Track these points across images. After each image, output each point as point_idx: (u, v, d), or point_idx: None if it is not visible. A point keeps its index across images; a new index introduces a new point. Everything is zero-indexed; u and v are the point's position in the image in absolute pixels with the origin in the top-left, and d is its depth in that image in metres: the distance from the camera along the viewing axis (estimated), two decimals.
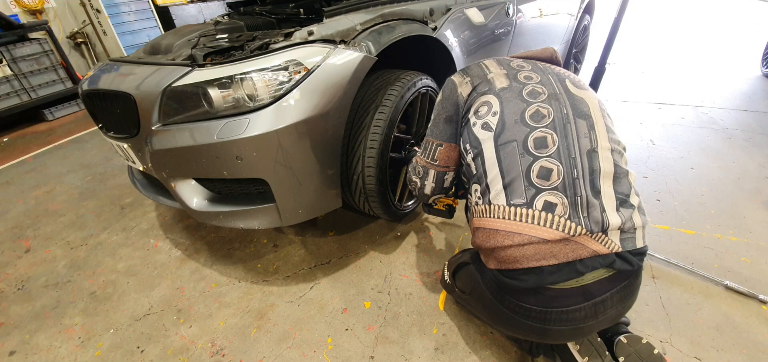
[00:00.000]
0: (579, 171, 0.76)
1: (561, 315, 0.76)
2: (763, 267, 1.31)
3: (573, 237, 0.72)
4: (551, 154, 0.77)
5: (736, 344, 1.06)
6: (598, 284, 0.74)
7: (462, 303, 1.10)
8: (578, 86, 0.89)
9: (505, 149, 0.80)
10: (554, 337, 0.82)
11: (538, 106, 0.83)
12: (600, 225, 0.73)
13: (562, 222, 0.73)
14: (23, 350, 1.24)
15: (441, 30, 1.49)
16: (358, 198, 1.36)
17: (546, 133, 0.79)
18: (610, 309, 0.77)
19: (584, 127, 0.80)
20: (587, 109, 0.83)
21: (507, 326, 0.89)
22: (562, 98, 0.85)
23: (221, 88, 1.05)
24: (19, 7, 4.08)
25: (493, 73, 0.92)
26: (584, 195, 0.74)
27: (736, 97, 2.86)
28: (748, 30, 5.35)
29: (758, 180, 1.80)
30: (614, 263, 0.73)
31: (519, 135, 0.80)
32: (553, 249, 0.73)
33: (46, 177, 2.52)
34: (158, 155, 1.17)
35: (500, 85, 0.88)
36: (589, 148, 0.78)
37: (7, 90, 3.56)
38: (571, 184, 0.75)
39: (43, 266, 1.62)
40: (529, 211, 0.75)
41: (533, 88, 0.86)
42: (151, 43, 1.67)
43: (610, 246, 0.73)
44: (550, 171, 0.76)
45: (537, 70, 0.92)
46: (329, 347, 1.14)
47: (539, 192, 0.75)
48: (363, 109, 1.27)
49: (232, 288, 1.39)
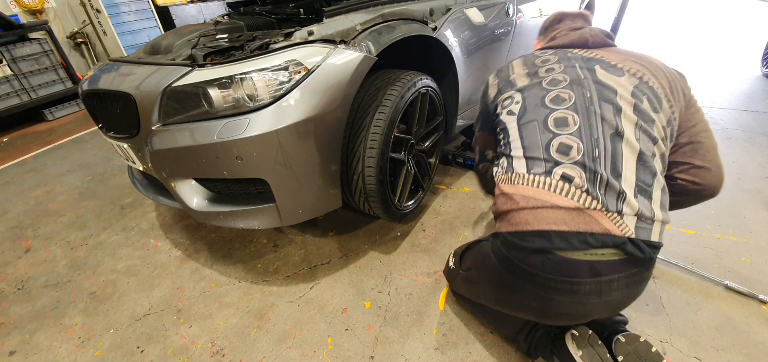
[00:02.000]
0: (601, 151, 0.76)
1: (565, 284, 0.75)
2: (763, 267, 1.31)
3: (587, 209, 0.73)
4: (572, 132, 0.79)
5: (736, 344, 1.06)
6: (607, 264, 0.73)
7: (464, 288, 1.09)
8: (611, 71, 0.88)
9: (526, 127, 0.86)
10: (555, 309, 0.80)
11: (558, 92, 0.86)
12: (616, 205, 0.73)
13: (578, 193, 0.74)
14: (23, 350, 1.24)
15: (441, 30, 1.49)
16: (358, 198, 1.36)
17: (567, 114, 0.82)
18: (615, 291, 0.76)
19: (610, 111, 0.80)
20: (614, 95, 0.83)
21: (509, 299, 0.88)
22: (587, 83, 0.86)
23: (221, 88, 1.05)
24: (19, 7, 4.09)
25: (515, 74, 0.99)
26: (604, 175, 0.74)
27: (736, 97, 2.86)
28: (748, 30, 5.35)
29: (758, 180, 1.80)
30: (625, 246, 0.71)
31: (539, 115, 0.85)
32: (565, 217, 0.73)
33: (46, 177, 2.52)
34: (158, 155, 1.18)
35: (521, 84, 0.95)
36: (613, 131, 0.78)
37: (7, 90, 3.57)
38: (591, 162, 0.76)
39: (43, 266, 1.62)
40: (547, 180, 0.77)
41: (554, 77, 0.91)
42: (151, 43, 1.67)
43: (623, 229, 0.72)
44: (570, 147, 0.78)
45: (563, 60, 0.94)
46: (329, 347, 1.14)
47: (558, 164, 0.78)
48: (363, 109, 1.27)
49: (232, 288, 1.39)
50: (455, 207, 1.74)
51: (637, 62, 0.89)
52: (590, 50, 0.96)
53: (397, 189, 1.48)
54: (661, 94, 0.85)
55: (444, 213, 1.70)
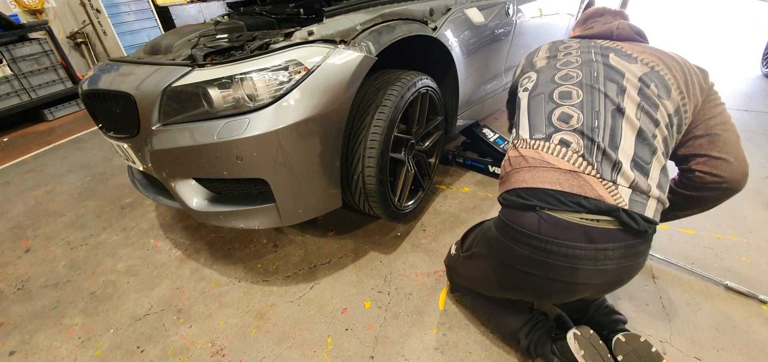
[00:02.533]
0: (600, 123, 0.80)
1: (561, 247, 0.76)
2: (763, 267, 1.31)
3: (582, 172, 0.76)
4: (574, 104, 0.84)
5: (736, 344, 1.06)
6: (601, 231, 0.74)
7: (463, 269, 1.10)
8: (624, 58, 0.89)
9: (534, 100, 0.92)
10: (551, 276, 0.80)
11: (567, 70, 0.92)
12: (610, 173, 0.75)
13: (575, 157, 0.77)
14: (23, 350, 1.24)
15: (441, 30, 1.49)
16: (358, 198, 1.36)
17: (572, 88, 0.87)
18: (610, 260, 0.76)
19: (613, 90, 0.84)
20: (621, 77, 0.86)
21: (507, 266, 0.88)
22: (596, 65, 0.90)
23: (221, 88, 1.05)
24: (19, 7, 4.09)
25: (538, 57, 1.05)
26: (601, 145, 0.77)
27: (736, 97, 2.86)
28: (748, 30, 5.35)
29: (758, 180, 1.80)
30: (618, 214, 0.72)
31: (546, 89, 0.91)
32: (560, 177, 0.76)
33: (46, 177, 2.52)
34: (158, 155, 1.18)
35: (540, 65, 1.01)
36: (615, 107, 0.81)
37: (7, 90, 3.57)
38: (589, 131, 0.79)
39: (43, 266, 1.62)
40: (545, 143, 0.82)
41: (567, 59, 0.96)
42: (151, 43, 1.67)
43: (616, 199, 0.73)
44: (571, 116, 0.83)
45: (582, 45, 0.99)
46: (329, 347, 1.14)
47: (557, 131, 0.82)
48: (363, 109, 1.27)
49: (232, 288, 1.39)
50: (455, 207, 1.74)
51: (655, 55, 0.89)
52: (613, 41, 0.99)
53: (397, 189, 1.48)
54: (672, 84, 0.85)
55: (444, 213, 1.70)
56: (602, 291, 0.89)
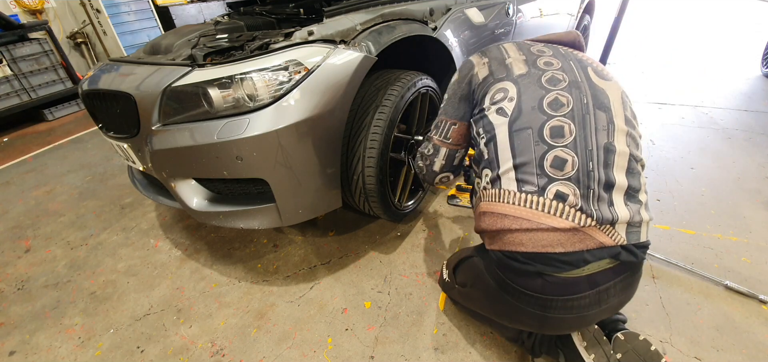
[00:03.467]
0: (594, 163, 0.75)
1: (566, 302, 0.76)
2: (763, 267, 1.31)
3: (582, 227, 0.72)
4: (567, 145, 0.76)
5: (736, 344, 1.06)
6: (603, 273, 0.74)
7: (461, 300, 1.09)
8: (601, 75, 0.86)
9: (519, 135, 0.78)
10: (555, 325, 0.81)
11: (557, 94, 0.80)
12: (609, 218, 0.73)
13: (573, 212, 0.72)
14: (23, 350, 1.24)
15: (441, 30, 1.49)
16: (358, 198, 1.36)
17: (564, 122, 0.77)
18: (613, 297, 0.77)
19: (603, 120, 0.79)
20: (607, 101, 0.81)
21: (509, 315, 0.88)
22: (584, 87, 0.82)
23: (221, 88, 1.05)
24: (19, 7, 4.08)
25: (511, 58, 0.89)
26: (596, 190, 0.74)
27: (736, 97, 2.86)
28: (748, 30, 5.35)
29: (758, 180, 1.80)
30: (619, 254, 0.73)
31: (535, 122, 0.78)
32: (560, 238, 0.72)
33: (46, 177, 2.52)
34: (158, 155, 1.17)
35: (518, 72, 0.86)
36: (606, 141, 0.77)
37: (7, 90, 3.56)
38: (585, 176, 0.74)
39: (43, 266, 1.62)
40: (540, 199, 0.74)
41: (553, 74, 0.84)
42: (151, 43, 1.67)
43: (616, 239, 0.73)
44: (565, 161, 0.75)
45: (558, 56, 0.89)
46: (329, 347, 1.14)
47: (552, 181, 0.74)
48: (363, 109, 1.27)
49: (232, 288, 1.39)
50: (455, 207, 1.74)
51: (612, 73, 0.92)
52: (577, 52, 0.95)
53: (397, 189, 1.48)
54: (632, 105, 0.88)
55: (444, 214, 1.70)
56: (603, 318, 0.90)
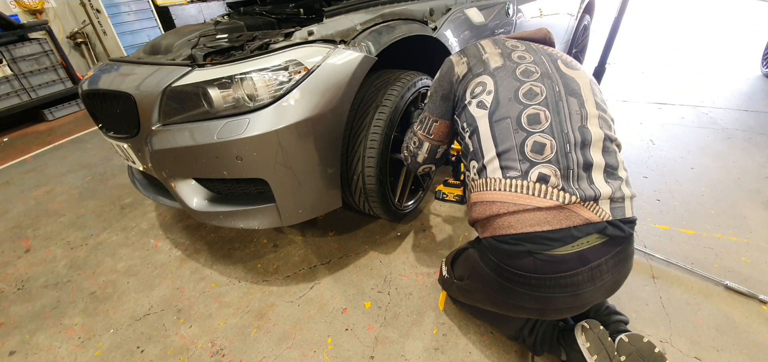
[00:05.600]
0: (571, 145, 0.79)
1: (560, 280, 0.77)
2: (763, 267, 1.31)
3: (567, 205, 0.75)
4: (544, 130, 0.80)
5: (736, 344, 1.06)
6: (593, 249, 0.76)
7: (461, 295, 1.09)
8: (569, 66, 0.91)
9: (499, 125, 0.83)
10: (553, 306, 0.82)
11: (531, 85, 0.85)
12: (592, 194, 0.76)
13: (556, 192, 0.76)
14: (23, 350, 1.24)
15: (441, 30, 1.49)
16: (358, 198, 1.36)
17: (539, 109, 0.82)
18: (606, 274, 0.78)
19: (575, 104, 0.83)
20: (578, 87, 0.86)
21: (507, 302, 0.89)
22: (554, 77, 0.87)
23: (221, 88, 1.05)
24: (19, 7, 4.08)
25: (488, 54, 0.94)
26: (575, 169, 0.77)
27: (736, 97, 2.86)
28: (748, 30, 5.35)
29: (758, 180, 1.80)
30: (606, 229, 0.75)
31: (512, 112, 0.83)
32: (547, 216, 0.75)
33: (46, 177, 2.52)
34: (158, 155, 1.17)
35: (495, 65, 0.90)
36: (580, 124, 0.81)
37: (7, 90, 3.56)
38: (563, 157, 0.78)
39: (43, 266, 1.62)
40: (523, 183, 0.78)
41: (526, 67, 0.89)
42: (151, 43, 1.67)
43: (600, 215, 0.75)
44: (544, 145, 0.79)
45: (530, 51, 0.94)
46: (329, 347, 1.14)
47: (533, 165, 0.78)
48: (363, 109, 1.27)
49: (232, 288, 1.39)
50: (455, 207, 1.74)
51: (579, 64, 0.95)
52: (547, 47, 0.99)
53: (397, 189, 1.48)
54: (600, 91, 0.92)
55: (444, 213, 1.70)
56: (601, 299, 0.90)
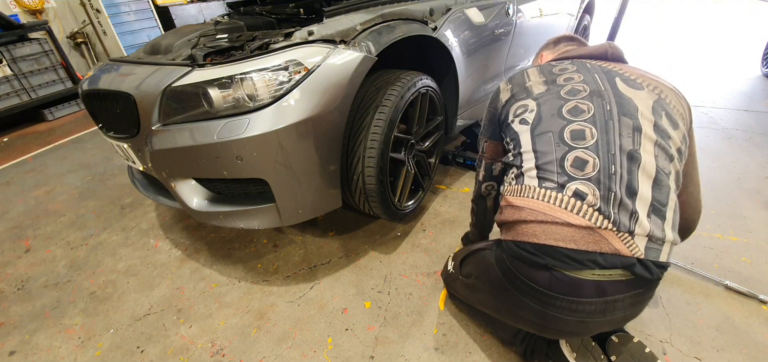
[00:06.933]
0: (617, 168, 0.73)
1: (570, 303, 0.74)
2: (763, 267, 1.31)
3: (598, 228, 0.70)
4: (589, 147, 0.75)
5: (736, 344, 1.06)
6: (613, 284, 0.71)
7: (463, 292, 1.08)
8: (631, 85, 0.84)
9: (541, 139, 0.81)
10: (555, 326, 0.79)
11: (576, 103, 0.82)
12: (628, 225, 0.70)
13: (590, 212, 0.70)
14: (23, 350, 1.24)
15: (441, 30, 1.49)
16: (358, 198, 1.36)
17: (585, 126, 0.78)
18: (619, 311, 0.75)
19: (628, 127, 0.77)
20: (634, 109, 0.79)
21: (510, 310, 0.87)
22: (607, 95, 0.82)
23: (221, 88, 1.05)
24: (19, 7, 4.09)
25: (531, 82, 0.94)
26: (618, 194, 0.71)
27: (736, 97, 2.86)
28: (748, 30, 5.35)
29: (758, 180, 1.80)
30: (634, 267, 0.70)
31: (555, 127, 0.80)
32: (574, 235, 0.70)
33: (46, 177, 2.52)
34: (158, 155, 1.17)
35: (537, 91, 0.90)
36: (631, 148, 0.75)
37: (7, 90, 3.56)
38: (606, 179, 0.72)
39: (43, 266, 1.62)
40: (558, 195, 0.74)
41: (573, 86, 0.86)
42: (151, 43, 1.67)
43: (632, 250, 0.69)
44: (586, 162, 0.74)
45: (582, 70, 0.90)
46: (329, 347, 1.14)
47: (572, 180, 0.74)
48: (363, 109, 1.27)
49: (232, 288, 1.39)
50: (455, 208, 1.74)
51: (655, 80, 0.87)
52: (609, 62, 0.93)
53: (397, 189, 1.48)
54: (676, 113, 0.82)
55: (444, 214, 1.70)
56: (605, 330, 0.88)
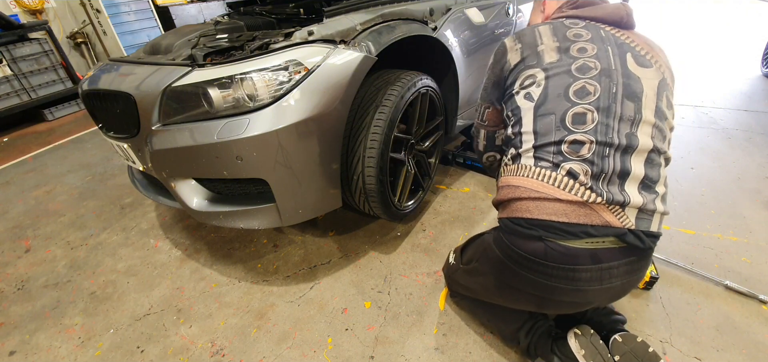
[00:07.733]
0: (612, 150, 0.76)
1: (567, 272, 0.76)
2: (763, 267, 1.31)
3: (590, 203, 0.73)
4: (587, 131, 0.77)
5: (736, 344, 1.06)
6: (607, 251, 0.74)
7: (463, 281, 1.09)
8: (641, 63, 0.83)
9: (542, 120, 0.82)
10: (556, 297, 0.81)
11: (585, 82, 0.81)
12: (619, 199, 0.73)
13: (582, 189, 0.74)
14: (23, 350, 1.24)
15: (441, 30, 1.49)
16: (358, 198, 1.36)
17: (587, 109, 0.79)
18: (615, 278, 0.77)
19: (630, 110, 0.78)
20: (640, 89, 0.80)
21: (510, 288, 0.88)
22: (615, 76, 0.81)
23: (221, 88, 1.05)
24: (19, 7, 4.09)
25: (544, 45, 0.88)
26: (609, 173, 0.75)
27: (736, 97, 2.86)
28: (748, 30, 5.35)
29: (758, 180, 1.80)
30: (625, 236, 0.73)
31: (558, 109, 0.81)
32: (566, 209, 0.74)
33: (46, 177, 2.52)
34: (158, 155, 1.18)
35: (549, 60, 0.86)
36: (629, 130, 0.77)
37: (7, 90, 3.57)
38: (600, 160, 0.75)
39: (43, 266, 1.62)
40: (552, 174, 0.77)
41: (584, 62, 0.83)
42: (151, 43, 1.67)
43: (623, 221, 0.73)
44: (582, 145, 0.77)
45: (596, 40, 0.86)
46: (329, 347, 1.14)
47: (566, 160, 0.77)
48: (363, 109, 1.27)
49: (232, 288, 1.39)
50: (455, 207, 1.74)
51: (661, 57, 0.86)
52: (623, 32, 0.89)
53: (397, 189, 1.48)
54: (672, 95, 0.85)
55: (444, 213, 1.70)
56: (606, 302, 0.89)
